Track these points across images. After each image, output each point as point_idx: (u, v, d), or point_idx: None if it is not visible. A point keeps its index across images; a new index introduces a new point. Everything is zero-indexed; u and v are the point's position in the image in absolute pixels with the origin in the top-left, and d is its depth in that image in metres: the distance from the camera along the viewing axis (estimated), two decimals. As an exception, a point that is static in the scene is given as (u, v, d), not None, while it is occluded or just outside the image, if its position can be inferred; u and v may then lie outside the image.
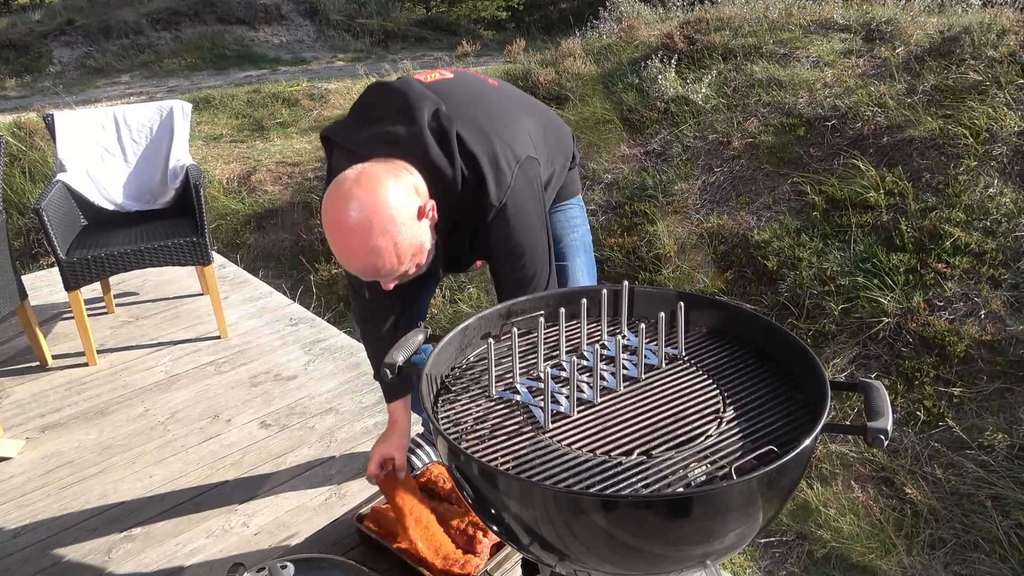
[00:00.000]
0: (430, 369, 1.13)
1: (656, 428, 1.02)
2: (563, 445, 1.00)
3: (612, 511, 0.87)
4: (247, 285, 3.57)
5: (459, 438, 1.04)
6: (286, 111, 6.21)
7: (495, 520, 0.97)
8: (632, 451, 0.98)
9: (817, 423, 0.95)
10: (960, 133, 3.52)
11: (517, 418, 1.07)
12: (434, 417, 1.02)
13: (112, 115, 3.18)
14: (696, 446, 0.98)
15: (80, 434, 2.47)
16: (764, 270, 3.35)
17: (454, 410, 1.11)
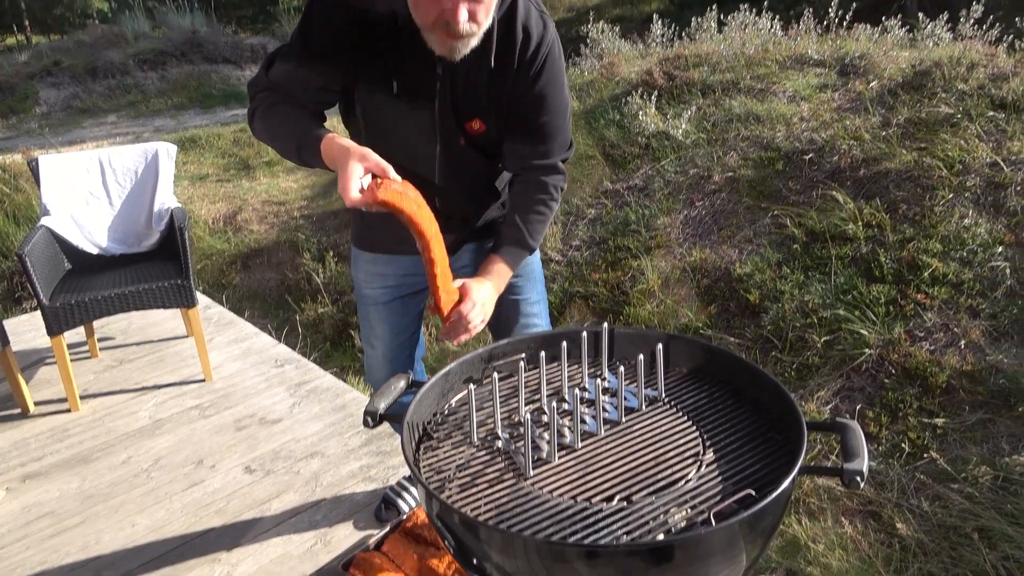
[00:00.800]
0: (411, 417, 1.13)
1: (637, 472, 1.02)
2: (544, 492, 1.00)
3: (593, 560, 0.87)
4: (232, 326, 3.56)
5: (440, 487, 1.04)
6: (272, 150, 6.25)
7: (477, 570, 0.97)
8: (613, 497, 0.98)
9: (794, 465, 0.96)
10: (934, 165, 3.60)
11: (499, 465, 1.07)
12: (415, 466, 1.02)
13: (97, 158, 3.19)
14: (676, 490, 0.99)
15: (62, 483, 2.43)
16: (747, 303, 3.38)
17: (436, 457, 1.12)
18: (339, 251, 4.75)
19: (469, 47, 1.30)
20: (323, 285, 4.39)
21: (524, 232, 1.51)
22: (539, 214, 1.53)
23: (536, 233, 1.53)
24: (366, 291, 1.81)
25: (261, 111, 1.43)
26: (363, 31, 1.35)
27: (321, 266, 4.53)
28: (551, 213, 1.56)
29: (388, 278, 1.76)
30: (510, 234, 1.52)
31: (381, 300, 1.79)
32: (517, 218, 1.52)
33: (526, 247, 1.53)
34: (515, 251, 1.52)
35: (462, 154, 1.50)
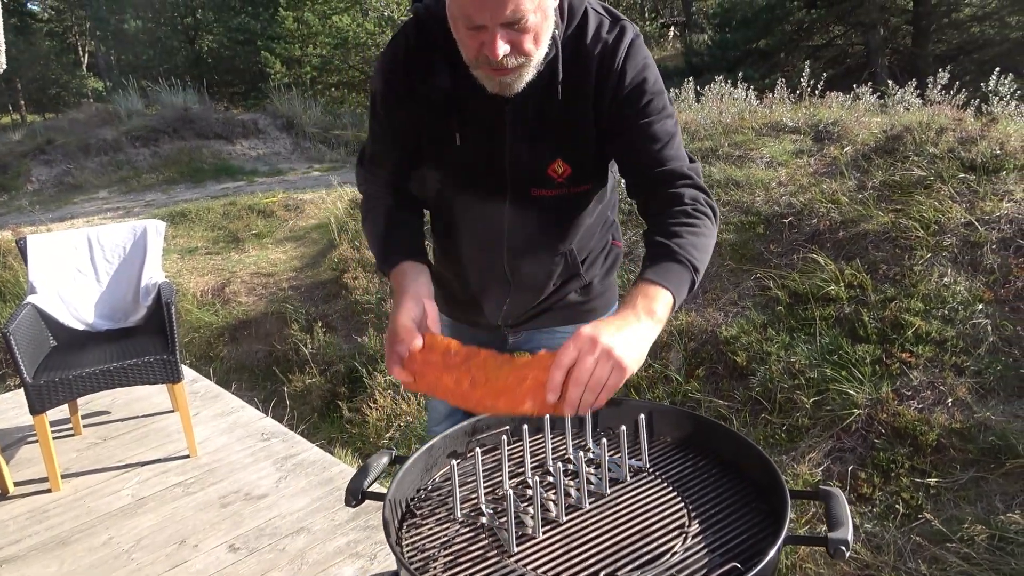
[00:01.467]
0: (394, 494, 1.12)
1: (622, 547, 1.02)
2: (528, 570, 0.99)
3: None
4: (219, 400, 3.52)
5: (423, 566, 1.03)
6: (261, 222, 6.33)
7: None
8: (598, 573, 0.97)
9: (778, 536, 0.96)
10: (911, 226, 3.68)
11: (483, 542, 1.06)
12: (397, 545, 1.01)
13: (86, 236, 3.22)
14: (662, 564, 0.98)
15: (39, 567, 2.36)
16: (734, 366, 3.39)
17: (420, 535, 1.10)
18: (327, 321, 4.76)
19: (524, 80, 1.16)
20: (311, 356, 4.37)
21: (671, 245, 1.11)
22: (684, 225, 1.14)
23: (689, 246, 1.12)
24: None
25: (362, 213, 1.41)
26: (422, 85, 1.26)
27: (309, 337, 4.52)
28: (702, 225, 1.16)
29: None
30: (653, 252, 1.14)
31: None
32: (656, 235, 1.15)
33: (678, 260, 1.10)
34: (665, 266, 1.09)
35: (536, 208, 1.32)
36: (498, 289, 1.47)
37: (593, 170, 1.31)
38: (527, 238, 1.37)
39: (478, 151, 1.28)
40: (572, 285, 1.49)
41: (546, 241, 1.39)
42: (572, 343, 0.98)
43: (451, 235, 1.48)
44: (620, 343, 0.98)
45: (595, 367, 0.96)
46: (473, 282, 1.51)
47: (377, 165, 1.39)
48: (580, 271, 1.47)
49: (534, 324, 1.55)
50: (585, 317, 1.53)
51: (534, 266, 1.43)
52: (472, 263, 1.49)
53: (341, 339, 4.64)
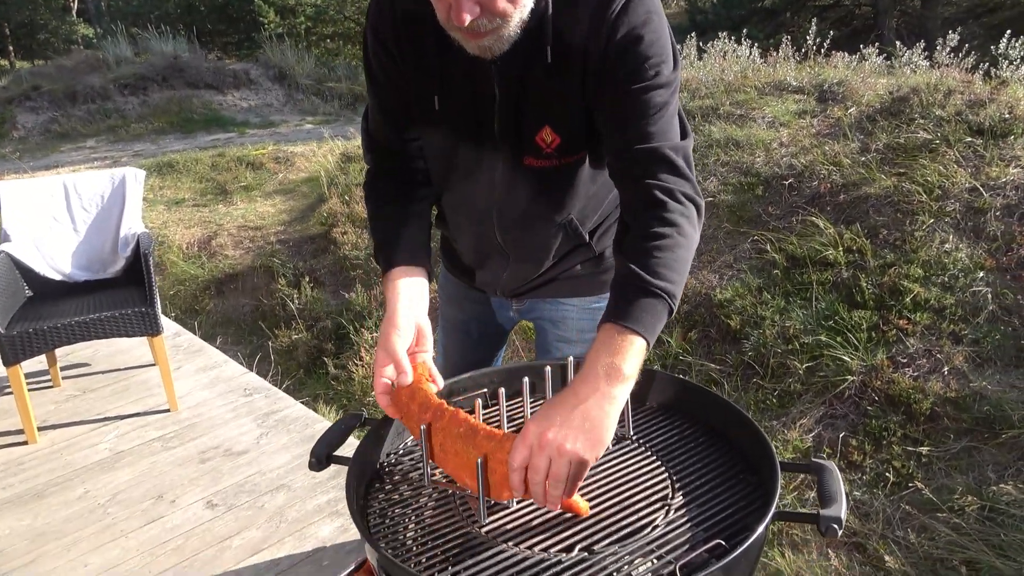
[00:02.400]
0: (360, 459, 1.06)
1: (600, 518, 0.95)
2: (499, 541, 0.92)
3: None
4: (201, 354, 3.46)
5: (386, 535, 0.96)
6: (250, 175, 6.19)
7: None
8: (573, 547, 0.91)
9: (767, 512, 0.89)
10: (914, 190, 3.59)
11: (452, 510, 1.00)
12: (358, 513, 0.94)
13: (62, 183, 3.11)
14: (642, 539, 0.92)
15: (12, 520, 2.32)
16: (727, 329, 3.33)
17: (390, 501, 1.04)
18: (315, 276, 4.67)
19: (505, 41, 1.05)
20: (298, 311, 4.30)
21: (641, 274, 0.97)
22: (659, 238, 1.00)
23: (663, 267, 0.98)
24: (445, 309, 1.64)
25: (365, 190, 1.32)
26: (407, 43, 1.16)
27: (296, 292, 4.44)
28: (679, 233, 1.02)
29: (464, 308, 1.59)
30: (622, 282, 1.00)
31: (459, 328, 1.62)
32: (626, 257, 1.01)
33: (651, 292, 0.96)
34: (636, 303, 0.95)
35: (527, 178, 1.22)
36: (495, 260, 1.39)
37: (585, 141, 1.18)
38: (519, 209, 1.28)
39: (464, 116, 1.18)
40: (578, 256, 1.39)
41: (540, 212, 1.28)
42: (521, 441, 0.88)
43: (446, 204, 1.39)
44: (573, 433, 0.87)
45: (549, 465, 0.87)
46: (470, 252, 1.44)
47: (378, 129, 1.29)
48: (587, 241, 1.36)
49: (538, 294, 1.46)
50: (597, 289, 1.44)
51: (530, 238, 1.33)
52: (467, 234, 1.41)
53: (329, 295, 4.56)
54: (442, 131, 1.23)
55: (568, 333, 1.49)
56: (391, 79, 1.21)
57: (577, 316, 1.48)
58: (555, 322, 1.50)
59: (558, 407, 0.90)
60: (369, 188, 1.32)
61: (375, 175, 1.32)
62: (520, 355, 3.68)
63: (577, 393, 0.90)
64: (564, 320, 1.49)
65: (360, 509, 1.02)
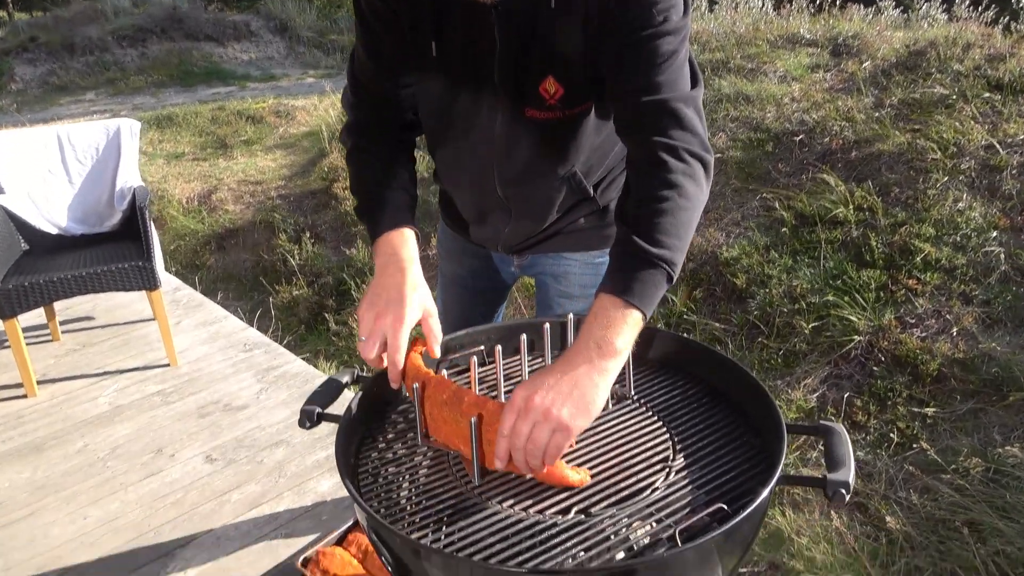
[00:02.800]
0: (351, 418, 1.02)
1: (598, 480, 0.92)
2: (493, 503, 0.89)
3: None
4: (201, 309, 3.43)
5: (378, 495, 0.93)
6: (251, 129, 6.09)
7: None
8: (570, 509, 0.88)
9: (772, 476, 0.85)
10: (928, 147, 3.49)
11: (445, 471, 0.97)
12: (347, 475, 0.91)
13: (55, 134, 3.04)
14: (641, 501, 0.88)
15: (12, 473, 2.32)
16: (733, 288, 3.28)
17: (383, 459, 1.01)
18: (316, 232, 4.62)
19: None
20: (298, 267, 4.25)
21: (639, 243, 0.92)
22: (660, 200, 0.94)
23: (663, 234, 0.93)
24: (444, 265, 1.60)
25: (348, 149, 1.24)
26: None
27: (297, 247, 4.40)
28: (683, 194, 0.96)
29: (464, 264, 1.55)
30: (620, 250, 0.96)
31: (458, 283, 1.58)
32: (626, 223, 0.97)
33: (650, 262, 0.91)
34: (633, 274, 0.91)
35: (529, 130, 1.16)
36: (496, 215, 1.34)
37: (590, 92, 1.12)
38: (521, 163, 1.22)
39: (463, 65, 1.12)
40: (582, 210, 1.34)
41: (543, 166, 1.23)
42: (508, 408, 0.86)
43: (443, 158, 1.33)
44: (560, 399, 0.84)
45: (531, 431, 0.84)
46: (469, 207, 1.38)
47: (367, 77, 1.21)
48: (591, 195, 1.30)
49: (540, 249, 1.41)
50: (601, 243, 1.39)
51: (532, 193, 1.28)
52: (466, 189, 1.35)
53: (330, 251, 4.51)
54: (439, 81, 1.16)
55: (570, 288, 1.45)
56: (384, 22, 1.14)
57: (580, 271, 1.43)
58: (557, 277, 1.45)
59: (548, 374, 0.87)
60: (352, 142, 1.25)
61: (359, 128, 1.24)
62: (522, 312, 3.65)
63: (569, 362, 0.88)
64: (566, 275, 1.44)
65: (351, 468, 0.99)
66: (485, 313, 1.61)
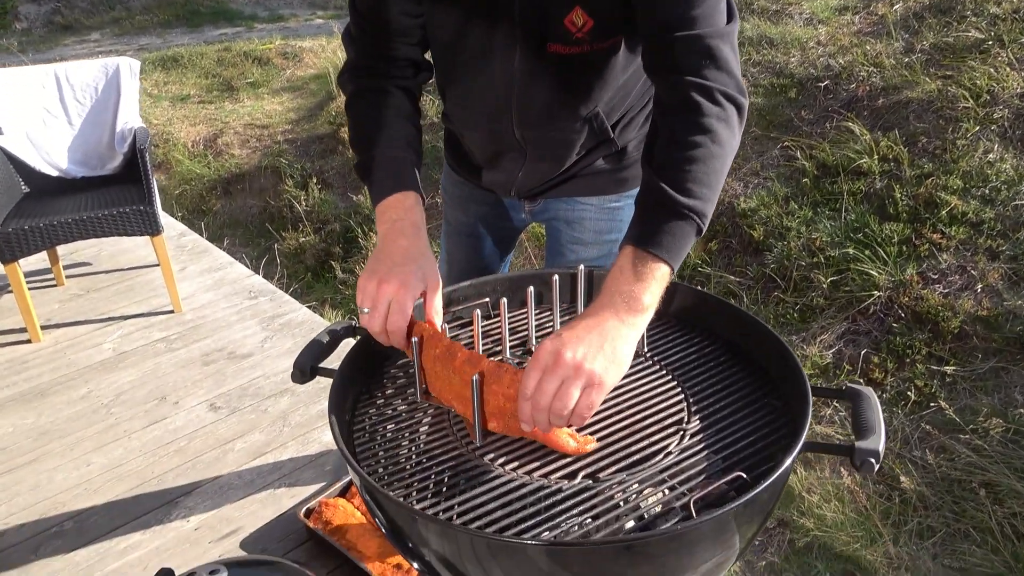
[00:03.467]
0: (347, 372, 0.97)
1: (607, 443, 0.86)
2: (495, 466, 0.84)
3: (545, 555, 0.72)
4: (207, 255, 3.38)
5: (375, 455, 0.88)
6: (257, 70, 5.94)
7: (415, 557, 0.82)
8: (576, 473, 0.82)
9: (796, 442, 0.79)
10: (960, 95, 3.34)
11: (445, 430, 0.91)
12: (340, 437, 0.85)
13: (53, 73, 2.95)
14: (653, 467, 0.83)
15: (16, 418, 2.30)
16: (750, 240, 3.19)
17: (381, 416, 0.96)
18: (323, 178, 4.53)
19: None
20: (305, 213, 4.19)
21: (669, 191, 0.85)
22: (692, 147, 0.87)
23: (693, 183, 0.86)
24: (449, 212, 1.52)
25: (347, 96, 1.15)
26: None
27: (304, 193, 4.32)
28: (716, 139, 0.88)
29: (470, 211, 1.47)
30: (647, 199, 0.89)
31: (464, 232, 1.51)
32: (654, 168, 0.89)
33: (679, 213, 0.85)
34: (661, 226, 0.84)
35: (550, 67, 1.08)
36: (510, 158, 1.25)
37: (621, 24, 1.03)
38: (541, 102, 1.13)
39: None
40: (600, 152, 1.26)
41: (565, 105, 1.14)
42: (533, 365, 0.78)
43: (453, 97, 1.23)
44: (592, 354, 0.77)
45: (560, 388, 0.77)
46: (481, 150, 1.29)
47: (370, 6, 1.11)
48: (611, 136, 1.22)
49: (554, 193, 1.33)
50: (617, 187, 1.31)
51: (551, 134, 1.19)
52: (479, 131, 1.26)
53: (337, 197, 4.43)
54: (452, 9, 1.06)
55: (584, 234, 1.37)
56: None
57: (595, 216, 1.35)
58: (570, 223, 1.37)
59: (574, 328, 0.80)
60: (352, 87, 1.15)
61: (360, 69, 1.15)
62: (532, 262, 3.57)
63: (595, 315, 0.81)
64: (581, 221, 1.36)
65: (346, 425, 0.94)
66: (492, 263, 1.54)
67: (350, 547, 1.68)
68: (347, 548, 1.68)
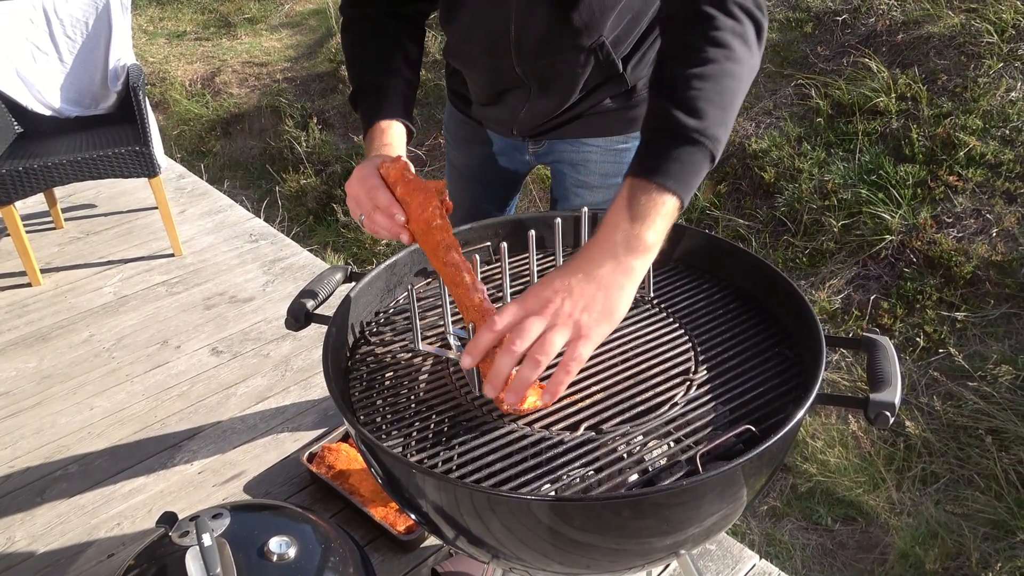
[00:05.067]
0: (342, 318, 0.93)
1: (611, 394, 0.83)
2: (494, 417, 0.81)
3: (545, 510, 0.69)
4: (206, 197, 3.33)
5: (372, 405, 0.85)
6: (255, 5, 5.75)
7: (413, 508, 0.80)
8: (579, 424, 0.79)
9: (808, 394, 0.76)
10: (984, 29, 3.20)
11: (444, 380, 0.88)
12: (333, 384, 0.82)
13: (41, 7, 2.84)
14: (658, 418, 0.80)
15: (19, 362, 2.30)
16: (761, 182, 3.11)
17: (378, 364, 0.93)
18: (324, 118, 4.42)
19: None
20: (306, 155, 4.10)
21: (678, 115, 0.76)
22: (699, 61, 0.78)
23: (706, 103, 0.76)
24: (452, 153, 1.47)
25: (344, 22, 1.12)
26: None
27: (304, 134, 4.22)
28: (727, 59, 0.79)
29: (473, 152, 1.41)
30: (654, 124, 0.79)
31: (466, 173, 1.46)
32: (657, 92, 0.82)
33: (690, 139, 0.75)
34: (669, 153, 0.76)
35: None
36: (513, 95, 1.19)
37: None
38: (541, 32, 1.06)
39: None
40: (609, 89, 1.18)
41: (565, 35, 1.06)
42: (517, 303, 0.72)
43: (454, 32, 1.17)
44: (584, 301, 0.71)
45: (543, 334, 0.70)
46: (483, 87, 1.23)
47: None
48: (620, 71, 1.14)
49: (559, 134, 1.26)
50: (626, 127, 1.24)
51: (554, 67, 1.12)
52: (479, 66, 1.19)
53: (338, 138, 4.34)
54: None
55: (589, 177, 1.32)
56: None
57: (600, 159, 1.29)
58: (575, 165, 1.32)
59: (566, 274, 0.74)
60: (349, 13, 1.11)
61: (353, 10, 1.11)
62: (537, 205, 3.51)
63: (591, 259, 0.74)
64: (586, 163, 1.31)
65: (342, 374, 0.91)
66: (497, 206, 1.50)
67: (352, 491, 1.68)
68: (350, 492, 1.68)
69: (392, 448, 0.77)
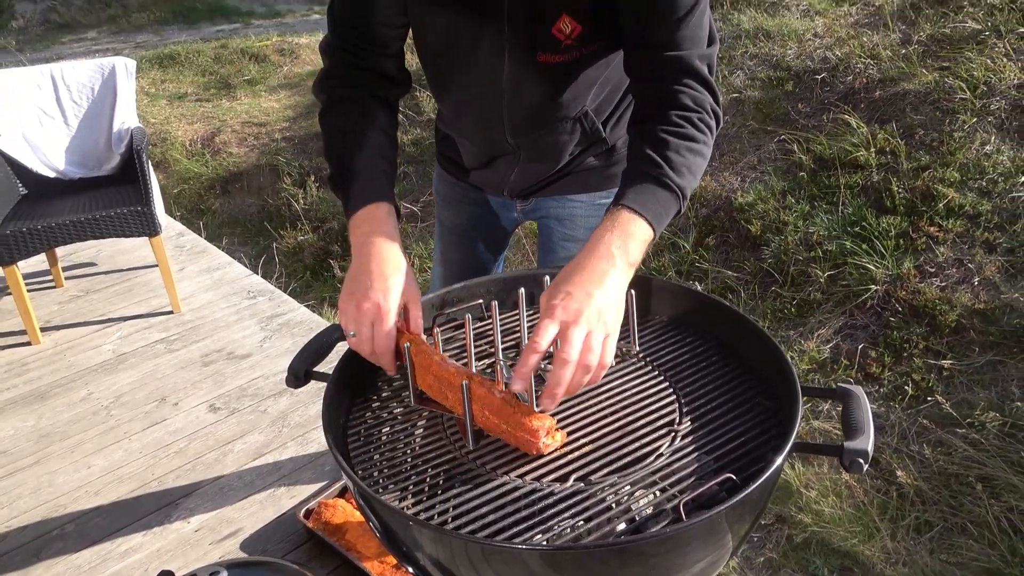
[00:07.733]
0: (343, 375, 0.97)
1: (599, 445, 0.87)
2: (486, 469, 0.84)
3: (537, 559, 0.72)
4: (205, 255, 3.38)
5: (369, 460, 0.89)
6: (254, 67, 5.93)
7: (410, 560, 0.83)
8: (568, 476, 0.83)
9: (785, 442, 0.80)
10: (957, 86, 3.33)
11: (438, 434, 0.92)
12: (334, 445, 0.86)
13: (49, 73, 2.94)
14: (644, 468, 0.83)
15: (17, 420, 2.31)
16: (747, 235, 3.19)
17: (368, 423, 0.96)
18: (320, 176, 4.52)
19: None
20: (303, 212, 4.19)
21: (661, 164, 0.91)
22: (682, 139, 0.94)
23: (683, 166, 0.93)
24: (442, 213, 1.52)
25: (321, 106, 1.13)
26: None
27: (302, 191, 4.32)
28: (701, 141, 0.96)
29: (463, 212, 1.47)
30: (637, 169, 0.94)
31: (457, 232, 1.51)
32: (646, 146, 0.94)
33: (667, 185, 0.91)
34: (651, 192, 0.91)
35: (540, 75, 1.08)
36: (504, 161, 1.27)
37: (609, 26, 1.03)
38: (532, 109, 1.15)
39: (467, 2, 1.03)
40: (593, 151, 1.27)
41: (555, 110, 1.15)
42: (547, 320, 0.80)
43: (447, 105, 1.25)
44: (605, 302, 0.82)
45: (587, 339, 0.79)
46: (475, 154, 1.30)
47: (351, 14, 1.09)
48: (603, 135, 1.23)
49: (547, 192, 1.35)
50: (606, 183, 1.33)
51: (544, 138, 1.21)
52: (473, 137, 1.27)
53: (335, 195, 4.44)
54: (440, 21, 1.06)
55: (575, 231, 1.39)
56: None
57: (585, 213, 1.37)
58: (562, 220, 1.39)
59: (575, 280, 0.83)
60: (326, 97, 1.13)
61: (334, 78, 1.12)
62: (530, 258, 3.58)
63: (590, 269, 0.85)
64: (572, 218, 1.38)
65: (341, 429, 0.94)
66: (486, 262, 1.55)
67: (349, 547, 1.69)
68: (346, 548, 1.69)
69: (389, 501, 0.80)
